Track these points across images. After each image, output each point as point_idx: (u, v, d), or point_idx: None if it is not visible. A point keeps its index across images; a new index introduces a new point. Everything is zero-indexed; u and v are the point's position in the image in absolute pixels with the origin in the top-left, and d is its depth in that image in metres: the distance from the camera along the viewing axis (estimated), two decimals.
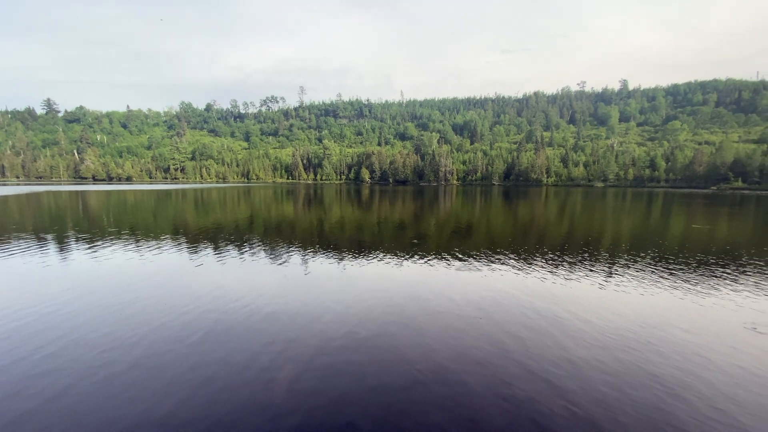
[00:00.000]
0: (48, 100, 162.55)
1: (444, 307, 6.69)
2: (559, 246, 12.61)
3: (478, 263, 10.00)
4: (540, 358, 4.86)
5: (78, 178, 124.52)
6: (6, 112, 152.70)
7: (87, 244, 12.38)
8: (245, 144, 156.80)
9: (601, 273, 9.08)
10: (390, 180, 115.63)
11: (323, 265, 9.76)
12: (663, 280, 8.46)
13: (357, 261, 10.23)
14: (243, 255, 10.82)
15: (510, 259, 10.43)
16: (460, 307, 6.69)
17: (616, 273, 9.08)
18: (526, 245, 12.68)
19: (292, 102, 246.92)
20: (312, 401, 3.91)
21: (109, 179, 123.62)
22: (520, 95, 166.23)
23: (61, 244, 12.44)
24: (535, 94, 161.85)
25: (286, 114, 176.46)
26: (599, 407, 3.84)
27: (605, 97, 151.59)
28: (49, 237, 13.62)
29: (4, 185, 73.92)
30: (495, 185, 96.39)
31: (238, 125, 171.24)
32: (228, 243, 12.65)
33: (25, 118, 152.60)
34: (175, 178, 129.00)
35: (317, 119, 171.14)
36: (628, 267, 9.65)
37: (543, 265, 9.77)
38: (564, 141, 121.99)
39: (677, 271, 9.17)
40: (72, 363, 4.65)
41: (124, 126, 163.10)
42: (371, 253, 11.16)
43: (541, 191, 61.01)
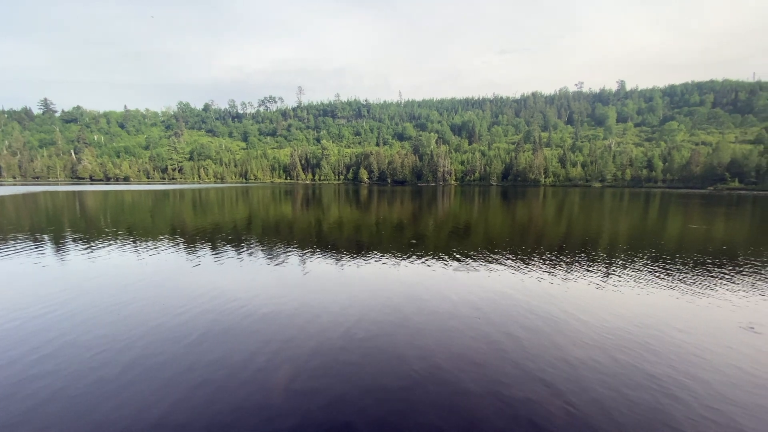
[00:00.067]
0: (45, 99, 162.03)
1: (441, 308, 6.69)
2: (557, 246, 12.65)
3: (475, 263, 10.01)
4: (537, 358, 4.87)
5: (75, 178, 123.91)
6: (2, 111, 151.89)
7: (84, 244, 12.32)
8: (243, 144, 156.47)
9: (598, 273, 9.10)
10: (388, 180, 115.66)
11: (321, 266, 9.75)
12: (659, 280, 8.49)
13: (354, 261, 10.22)
14: (240, 255, 10.79)
15: (507, 260, 10.45)
16: (457, 308, 6.69)
17: (613, 273, 9.11)
18: (523, 245, 12.70)
19: (290, 102, 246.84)
20: (309, 401, 3.91)
21: (107, 179, 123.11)
22: (518, 96, 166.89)
23: (58, 244, 12.38)
24: (533, 94, 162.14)
25: (284, 114, 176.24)
26: (596, 407, 3.85)
27: (603, 98, 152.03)
28: (46, 237, 13.55)
29: (0, 185, 73.52)
30: (493, 185, 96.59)
31: (236, 125, 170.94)
32: (225, 243, 12.62)
33: (22, 118, 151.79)
34: (173, 178, 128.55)
35: (315, 119, 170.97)
36: (624, 267, 9.68)
37: (540, 266, 9.79)
38: (562, 141, 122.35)
39: (674, 272, 9.21)
40: (68, 364, 4.63)
41: (121, 126, 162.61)
42: (369, 254, 11.16)
43: (539, 191, 61.15)
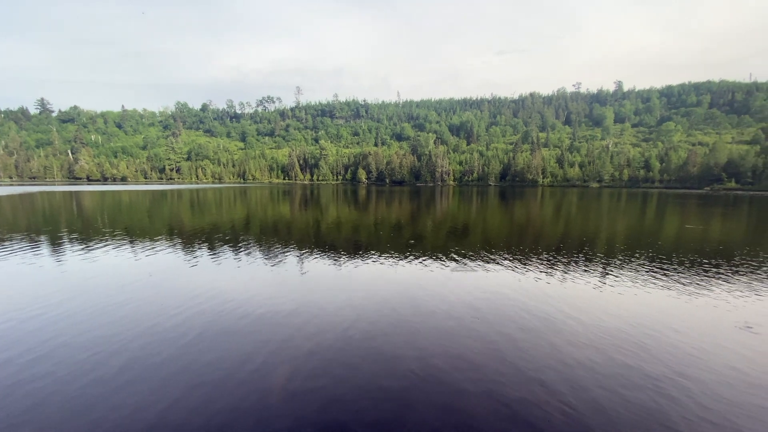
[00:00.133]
0: (42, 99, 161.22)
1: (438, 308, 6.70)
2: (554, 246, 12.67)
3: (473, 264, 10.02)
4: (534, 358, 4.88)
5: (72, 178, 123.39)
6: None
7: (81, 244, 12.26)
8: (241, 144, 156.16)
9: (595, 273, 9.13)
10: (386, 180, 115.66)
11: (318, 266, 9.74)
12: (656, 280, 8.52)
13: (352, 262, 10.22)
14: (238, 256, 10.77)
15: (505, 260, 10.46)
16: (454, 308, 6.69)
17: (609, 273, 9.13)
18: (521, 246, 12.72)
19: (288, 102, 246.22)
20: (306, 402, 3.90)
21: (104, 179, 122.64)
22: (516, 96, 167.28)
23: (55, 244, 12.31)
24: (531, 95, 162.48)
25: (282, 114, 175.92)
26: (592, 407, 3.86)
27: (600, 98, 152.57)
28: (43, 238, 13.48)
29: None
30: (491, 186, 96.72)
31: (234, 125, 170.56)
32: (223, 244, 12.58)
33: (19, 117, 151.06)
34: (171, 178, 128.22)
35: (314, 119, 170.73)
36: (621, 267, 9.71)
37: (537, 266, 9.81)
38: (560, 142, 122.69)
39: (670, 272, 9.24)
40: (65, 364, 4.61)
41: (119, 126, 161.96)
42: (366, 254, 11.15)
43: (537, 192, 61.29)
